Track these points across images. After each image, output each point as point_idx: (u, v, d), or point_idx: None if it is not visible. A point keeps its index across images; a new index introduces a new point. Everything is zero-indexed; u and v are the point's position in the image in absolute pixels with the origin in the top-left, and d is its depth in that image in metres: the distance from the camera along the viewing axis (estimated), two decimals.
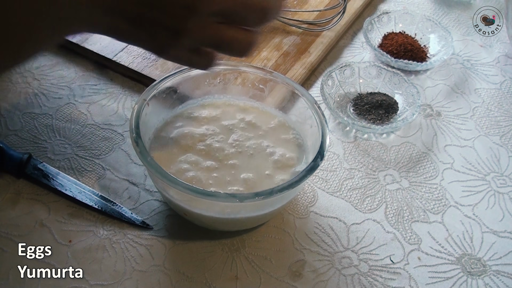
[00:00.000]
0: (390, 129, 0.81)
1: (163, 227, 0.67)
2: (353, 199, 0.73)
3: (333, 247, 0.68)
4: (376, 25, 0.97)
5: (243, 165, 0.66)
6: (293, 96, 0.71)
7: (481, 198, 0.75)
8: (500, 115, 0.87)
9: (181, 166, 0.65)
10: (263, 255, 0.66)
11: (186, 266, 0.64)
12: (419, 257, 0.68)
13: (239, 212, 0.62)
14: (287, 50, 0.90)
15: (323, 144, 0.64)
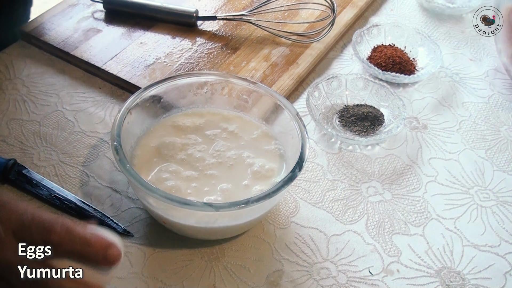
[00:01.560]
0: (375, 141, 0.81)
1: (143, 234, 0.68)
2: (335, 210, 0.73)
3: (312, 258, 0.68)
4: (365, 37, 0.97)
5: (222, 176, 0.67)
6: (276, 107, 0.72)
7: (464, 212, 0.75)
8: (487, 128, 0.87)
9: (161, 175, 0.66)
10: (241, 264, 0.66)
11: (164, 274, 0.64)
12: (398, 269, 0.68)
13: (216, 222, 0.62)
14: (275, 61, 0.91)
15: (302, 155, 0.65)
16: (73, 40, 0.90)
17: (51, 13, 0.95)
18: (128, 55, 0.88)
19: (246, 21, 0.97)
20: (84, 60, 0.87)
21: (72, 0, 0.99)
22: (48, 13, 0.95)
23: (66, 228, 0.50)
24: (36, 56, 0.90)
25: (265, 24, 0.97)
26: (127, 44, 0.91)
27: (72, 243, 0.50)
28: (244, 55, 0.91)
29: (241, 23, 0.98)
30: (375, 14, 1.08)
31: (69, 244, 0.50)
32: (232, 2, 1.03)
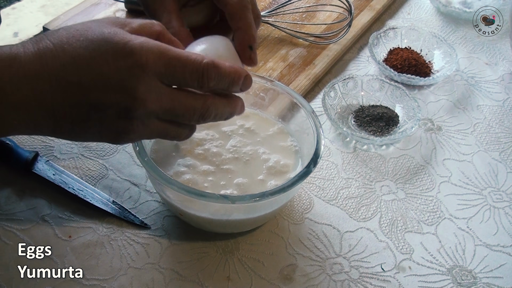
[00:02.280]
0: (389, 141, 0.82)
1: (160, 227, 0.70)
2: (348, 208, 0.74)
3: (325, 253, 0.69)
4: (382, 40, 0.98)
5: (238, 170, 0.68)
6: (293, 105, 0.73)
7: (476, 212, 0.76)
8: (501, 131, 0.88)
9: (179, 169, 0.67)
10: (256, 257, 0.68)
11: (180, 265, 0.66)
12: (410, 266, 0.69)
13: (232, 214, 0.64)
14: (292, 62, 0.92)
15: (317, 151, 0.66)
16: None
17: (74, 11, 0.98)
18: None
19: (264, 22, 0.98)
20: None
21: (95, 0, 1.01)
22: (71, 12, 0.98)
23: (218, 68, 0.53)
24: None
25: (283, 25, 0.98)
26: None
27: (223, 81, 0.54)
28: (262, 55, 0.93)
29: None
30: (392, 17, 1.10)
31: (220, 83, 0.54)
32: None
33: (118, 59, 0.49)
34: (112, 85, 0.49)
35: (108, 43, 0.50)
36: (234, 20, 0.59)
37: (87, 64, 0.49)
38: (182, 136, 0.57)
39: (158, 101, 0.51)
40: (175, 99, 0.52)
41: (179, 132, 0.56)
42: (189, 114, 0.54)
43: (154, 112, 0.52)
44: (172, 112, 0.53)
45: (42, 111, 0.50)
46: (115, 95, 0.50)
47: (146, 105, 0.50)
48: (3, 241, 0.66)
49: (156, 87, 0.51)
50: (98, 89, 0.50)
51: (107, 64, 0.49)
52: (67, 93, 0.50)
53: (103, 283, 0.63)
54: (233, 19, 0.59)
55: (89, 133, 0.53)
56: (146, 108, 0.51)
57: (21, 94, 0.49)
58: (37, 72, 0.49)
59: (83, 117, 0.51)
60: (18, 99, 0.49)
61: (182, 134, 0.56)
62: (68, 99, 0.50)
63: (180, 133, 0.56)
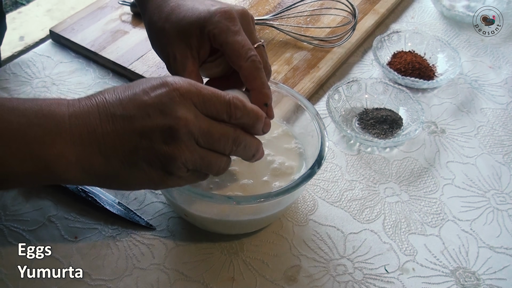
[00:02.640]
0: (393, 143, 0.82)
1: (165, 228, 0.70)
2: (352, 210, 0.75)
3: (329, 255, 0.69)
4: (386, 43, 0.99)
5: (243, 172, 0.68)
6: (297, 108, 0.74)
7: (480, 214, 0.76)
8: (505, 134, 0.88)
9: None
10: (260, 258, 0.68)
11: (185, 266, 0.67)
12: (413, 268, 0.69)
13: (236, 215, 0.64)
14: (297, 65, 0.93)
15: (322, 153, 0.66)
16: (101, 41, 0.93)
17: (80, 15, 0.99)
18: (153, 56, 0.91)
19: (269, 25, 0.99)
20: (111, 60, 0.90)
21: (101, 3, 1.02)
22: (78, 15, 0.99)
23: (243, 103, 0.57)
24: (65, 55, 0.94)
25: (288, 28, 0.99)
26: None
27: (248, 116, 0.58)
28: None
29: (264, 28, 1.00)
30: (396, 21, 1.10)
31: (245, 117, 0.57)
32: (256, 7, 1.06)
33: (155, 89, 0.54)
34: (153, 111, 0.54)
35: (146, 81, 0.56)
36: (248, 82, 0.63)
37: (129, 99, 0.55)
38: (222, 165, 0.58)
39: (198, 122, 0.54)
40: (211, 123, 0.56)
41: (218, 159, 0.58)
42: (224, 139, 0.56)
43: (195, 133, 0.54)
44: (209, 135, 0.55)
45: (94, 145, 0.54)
46: (157, 119, 0.53)
47: (187, 125, 0.53)
48: (9, 241, 0.67)
49: (194, 110, 0.54)
50: (142, 117, 0.54)
51: (147, 95, 0.54)
52: (114, 125, 0.54)
53: (109, 284, 0.64)
54: (247, 81, 0.63)
55: (138, 168, 0.55)
56: (188, 127, 0.53)
57: (77, 130, 0.54)
58: (89, 109, 0.54)
59: (131, 147, 0.54)
60: (75, 134, 0.53)
61: (221, 162, 0.58)
62: (116, 131, 0.54)
63: (220, 161, 0.58)
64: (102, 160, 0.54)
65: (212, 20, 0.63)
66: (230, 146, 0.57)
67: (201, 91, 0.55)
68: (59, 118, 0.53)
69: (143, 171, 0.55)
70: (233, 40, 0.62)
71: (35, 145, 0.53)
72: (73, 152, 0.53)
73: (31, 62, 0.92)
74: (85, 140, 0.54)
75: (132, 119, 0.54)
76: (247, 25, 0.65)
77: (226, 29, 0.62)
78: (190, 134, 0.54)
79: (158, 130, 0.53)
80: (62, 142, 0.53)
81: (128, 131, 0.54)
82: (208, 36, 0.63)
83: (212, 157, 0.57)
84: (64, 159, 0.53)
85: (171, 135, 0.53)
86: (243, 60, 0.62)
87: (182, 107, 0.54)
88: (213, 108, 0.55)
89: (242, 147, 0.58)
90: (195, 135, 0.54)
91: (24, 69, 0.90)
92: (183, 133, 0.53)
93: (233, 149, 0.58)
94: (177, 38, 0.65)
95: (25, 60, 0.92)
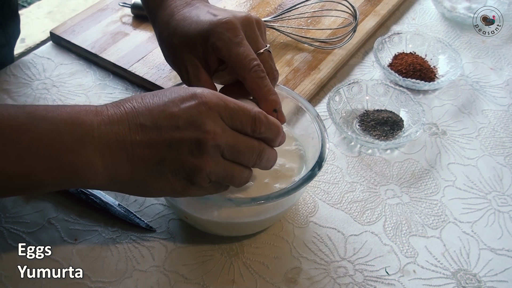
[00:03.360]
0: (394, 145, 0.82)
1: (165, 230, 0.70)
2: (353, 212, 0.75)
3: (330, 257, 0.69)
4: (387, 45, 0.99)
5: None
6: (298, 109, 0.74)
7: (481, 216, 0.76)
8: (506, 136, 0.88)
9: None
10: (260, 261, 0.68)
11: (185, 268, 0.66)
12: (414, 270, 0.69)
13: (236, 217, 0.64)
14: (297, 66, 0.93)
15: (322, 154, 0.66)
16: (101, 43, 0.93)
17: (81, 17, 0.99)
18: (154, 58, 0.91)
19: (270, 27, 0.99)
20: (112, 62, 0.90)
21: (101, 5, 1.02)
22: (78, 17, 0.99)
23: (266, 118, 0.58)
24: (65, 57, 0.94)
25: (289, 30, 0.99)
26: (153, 47, 0.93)
27: (270, 131, 0.59)
28: None
29: None
30: (397, 22, 1.10)
31: (268, 132, 0.59)
32: (257, 9, 1.06)
33: (185, 101, 0.56)
34: (183, 123, 0.55)
35: (175, 92, 0.57)
36: (254, 92, 0.64)
37: (159, 110, 0.56)
38: (244, 177, 0.60)
39: (225, 136, 0.56)
40: (238, 137, 0.57)
41: (242, 172, 0.59)
42: (249, 152, 0.58)
43: (221, 146, 0.55)
44: (235, 149, 0.57)
45: (122, 153, 0.55)
46: (186, 132, 0.55)
47: (215, 138, 0.55)
48: (9, 243, 0.67)
49: (221, 124, 0.56)
50: (171, 128, 0.55)
51: (177, 106, 0.55)
52: (144, 134, 0.55)
53: (108, 286, 0.64)
54: (253, 91, 0.64)
55: (163, 178, 0.56)
56: (215, 140, 0.55)
57: (106, 138, 0.54)
58: (118, 118, 0.55)
59: (159, 157, 0.55)
60: (103, 142, 0.54)
61: (244, 174, 0.59)
62: (145, 140, 0.55)
63: (243, 173, 0.59)
64: (129, 169, 0.55)
65: (214, 32, 0.64)
66: (254, 159, 0.59)
67: (228, 105, 0.56)
68: (87, 127, 0.54)
69: (168, 180, 0.56)
70: (235, 53, 0.63)
71: (64, 153, 0.53)
72: (101, 160, 0.54)
73: (31, 64, 0.92)
74: (113, 149, 0.55)
75: (162, 130, 0.55)
76: (251, 32, 0.66)
77: (228, 41, 0.63)
78: (217, 147, 0.55)
79: (187, 142, 0.55)
80: (90, 151, 0.54)
81: (156, 142, 0.55)
82: (212, 48, 0.64)
83: (236, 169, 0.58)
84: (92, 167, 0.54)
85: (199, 147, 0.55)
86: (246, 72, 0.63)
87: (210, 121, 0.55)
88: (238, 122, 0.57)
89: (265, 160, 0.60)
90: (221, 148, 0.56)
91: (25, 70, 0.90)
92: (210, 146, 0.55)
93: (257, 162, 0.59)
94: (185, 51, 0.66)
95: (25, 62, 0.92)
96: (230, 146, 0.56)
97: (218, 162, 0.56)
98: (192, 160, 0.55)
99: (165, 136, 0.55)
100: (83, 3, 2.25)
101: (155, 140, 0.55)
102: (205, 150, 0.55)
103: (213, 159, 0.55)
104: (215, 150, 0.55)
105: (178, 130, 0.55)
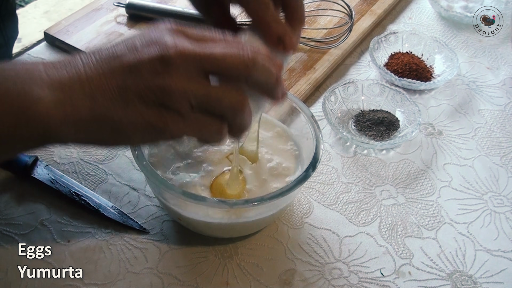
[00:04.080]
0: (390, 145, 0.82)
1: (159, 231, 0.69)
2: (348, 213, 0.74)
3: (325, 258, 0.69)
4: (383, 44, 0.98)
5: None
6: (293, 110, 0.73)
7: (477, 217, 0.75)
8: (502, 136, 0.87)
9: (177, 172, 0.67)
10: (254, 262, 0.67)
11: (178, 270, 0.66)
12: (409, 271, 0.69)
13: (230, 219, 0.63)
14: (293, 66, 0.92)
15: (316, 155, 0.66)
16: (96, 42, 0.93)
17: (75, 16, 0.98)
18: None
19: None
20: None
21: (96, 5, 1.01)
22: (72, 17, 0.98)
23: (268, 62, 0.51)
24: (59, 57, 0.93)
25: None
26: None
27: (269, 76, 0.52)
28: None
29: None
30: (393, 22, 1.10)
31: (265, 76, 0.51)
32: None
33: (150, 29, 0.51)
34: (144, 43, 0.49)
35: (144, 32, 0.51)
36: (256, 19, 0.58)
37: (121, 41, 0.50)
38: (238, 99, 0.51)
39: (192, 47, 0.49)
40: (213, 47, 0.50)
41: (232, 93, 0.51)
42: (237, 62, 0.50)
43: (192, 58, 0.49)
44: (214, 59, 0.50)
45: (76, 87, 0.48)
46: (147, 49, 0.49)
47: (181, 51, 0.48)
48: (1, 245, 0.66)
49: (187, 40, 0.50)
50: (131, 51, 0.49)
51: (140, 35, 0.50)
52: (99, 66, 0.49)
53: None
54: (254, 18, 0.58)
55: (130, 106, 0.49)
56: (182, 53, 0.48)
57: (56, 75, 0.48)
58: (69, 59, 0.50)
59: (120, 83, 0.48)
60: (53, 79, 0.48)
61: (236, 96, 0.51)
62: (102, 73, 0.49)
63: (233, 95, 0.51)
64: (88, 102, 0.48)
65: None
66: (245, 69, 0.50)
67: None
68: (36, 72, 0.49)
69: (137, 109, 0.49)
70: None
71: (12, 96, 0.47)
72: (51, 95, 0.48)
73: None
74: (65, 83, 0.48)
75: (121, 56, 0.49)
76: None
77: None
78: (186, 60, 0.48)
79: (147, 60, 0.48)
80: (38, 89, 0.47)
81: (115, 70, 0.49)
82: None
83: (222, 90, 0.50)
84: (42, 103, 0.47)
85: (162, 63, 0.48)
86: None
87: (174, 37, 0.49)
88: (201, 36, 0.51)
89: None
90: (194, 60, 0.49)
91: None
92: (178, 59, 0.48)
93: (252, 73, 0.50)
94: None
95: None
96: (205, 56, 0.49)
97: (191, 78, 0.49)
98: (157, 79, 0.48)
99: (123, 61, 0.49)
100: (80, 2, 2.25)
101: (113, 69, 0.49)
102: (172, 64, 0.48)
103: (185, 74, 0.48)
104: (186, 64, 0.48)
105: (138, 51, 0.49)
